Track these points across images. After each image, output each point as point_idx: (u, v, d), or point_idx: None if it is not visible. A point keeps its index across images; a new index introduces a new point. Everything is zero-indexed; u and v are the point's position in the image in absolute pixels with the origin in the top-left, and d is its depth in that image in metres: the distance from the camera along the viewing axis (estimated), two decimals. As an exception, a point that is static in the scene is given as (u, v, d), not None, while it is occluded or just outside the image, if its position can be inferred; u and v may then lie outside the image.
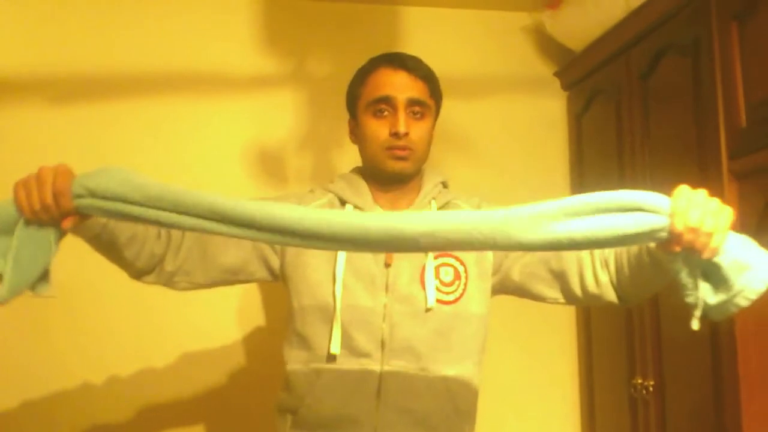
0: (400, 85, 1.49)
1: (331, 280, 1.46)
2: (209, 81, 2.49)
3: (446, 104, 2.56)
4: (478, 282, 1.52)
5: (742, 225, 1.73)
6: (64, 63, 2.42)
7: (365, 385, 1.43)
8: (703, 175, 1.86)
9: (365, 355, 1.44)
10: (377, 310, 1.45)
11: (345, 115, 2.50)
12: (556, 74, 2.67)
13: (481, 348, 1.53)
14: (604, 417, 2.42)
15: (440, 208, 1.55)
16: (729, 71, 1.77)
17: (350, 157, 2.49)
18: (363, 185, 1.58)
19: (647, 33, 2.12)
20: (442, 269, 1.48)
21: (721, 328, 1.77)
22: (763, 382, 1.71)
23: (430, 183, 1.59)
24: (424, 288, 1.46)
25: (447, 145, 2.56)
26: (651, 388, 2.07)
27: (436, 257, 1.48)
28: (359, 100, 1.56)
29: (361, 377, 1.43)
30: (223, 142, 2.48)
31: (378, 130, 1.50)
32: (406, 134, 1.47)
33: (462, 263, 1.50)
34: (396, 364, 1.44)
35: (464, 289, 1.49)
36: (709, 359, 1.83)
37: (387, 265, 1.48)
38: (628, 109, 2.24)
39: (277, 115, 2.50)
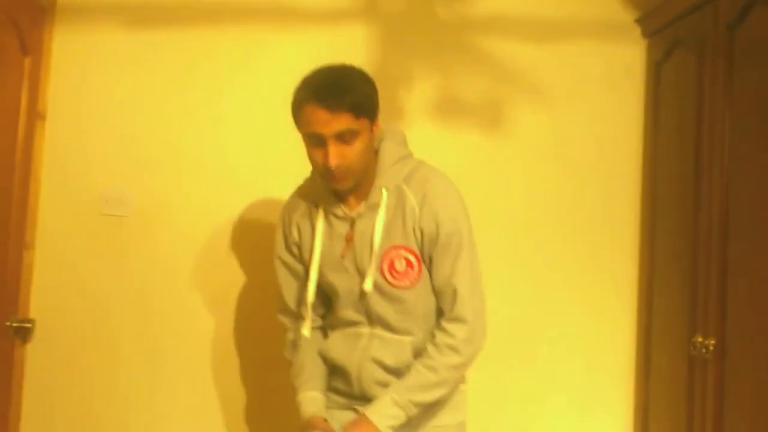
0: (323, 122, 1.64)
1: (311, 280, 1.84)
2: (281, 11, 2.49)
3: (520, 46, 2.53)
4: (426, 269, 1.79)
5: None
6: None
7: (356, 342, 1.83)
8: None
9: (357, 323, 1.83)
10: (356, 291, 1.79)
11: (416, 52, 2.52)
12: (638, 21, 2.56)
13: (435, 313, 1.81)
14: (659, 375, 2.39)
15: (390, 192, 1.76)
16: (826, 23, 1.67)
17: (418, 95, 2.49)
18: (327, 191, 1.80)
19: (740, -21, 2.01)
20: (396, 261, 1.76)
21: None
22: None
23: (381, 172, 1.77)
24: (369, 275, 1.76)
25: (516, 87, 2.51)
26: (711, 348, 2.03)
27: (387, 251, 1.75)
28: (298, 127, 1.72)
29: (355, 337, 1.83)
30: (293, 73, 2.47)
31: (315, 157, 1.70)
32: (338, 165, 1.66)
33: (413, 253, 1.76)
34: (378, 329, 1.81)
35: (419, 275, 1.77)
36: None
37: (342, 257, 1.79)
38: (712, 62, 2.14)
39: (348, 50, 2.47)
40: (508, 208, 2.53)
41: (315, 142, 1.67)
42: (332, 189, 1.77)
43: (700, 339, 2.08)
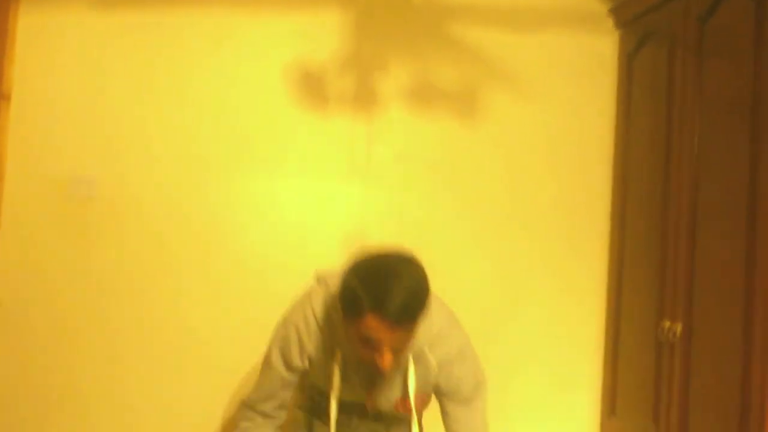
0: (383, 333, 1.59)
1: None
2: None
3: (494, 35, 2.54)
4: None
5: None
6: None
7: (349, 420, 1.90)
8: (755, 133, 1.81)
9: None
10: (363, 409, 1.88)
11: (390, 38, 2.52)
12: (611, 11, 2.59)
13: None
14: (628, 359, 2.44)
15: (414, 356, 1.77)
16: (796, 18, 1.71)
17: (393, 81, 2.49)
18: (350, 344, 1.73)
19: (712, -28, 2.05)
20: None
21: (756, 277, 1.77)
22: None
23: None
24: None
25: (491, 74, 2.53)
26: (678, 333, 2.08)
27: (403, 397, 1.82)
28: (350, 324, 1.64)
29: (347, 417, 1.89)
30: (266, 58, 2.47)
31: (365, 353, 1.66)
32: (390, 365, 1.66)
33: (427, 396, 1.85)
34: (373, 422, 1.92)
35: (427, 405, 1.89)
36: (742, 306, 1.82)
37: (366, 403, 1.85)
38: (682, 53, 2.18)
39: (322, 35, 2.47)
40: (481, 193, 2.55)
41: (367, 342, 1.62)
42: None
43: (667, 324, 2.13)
